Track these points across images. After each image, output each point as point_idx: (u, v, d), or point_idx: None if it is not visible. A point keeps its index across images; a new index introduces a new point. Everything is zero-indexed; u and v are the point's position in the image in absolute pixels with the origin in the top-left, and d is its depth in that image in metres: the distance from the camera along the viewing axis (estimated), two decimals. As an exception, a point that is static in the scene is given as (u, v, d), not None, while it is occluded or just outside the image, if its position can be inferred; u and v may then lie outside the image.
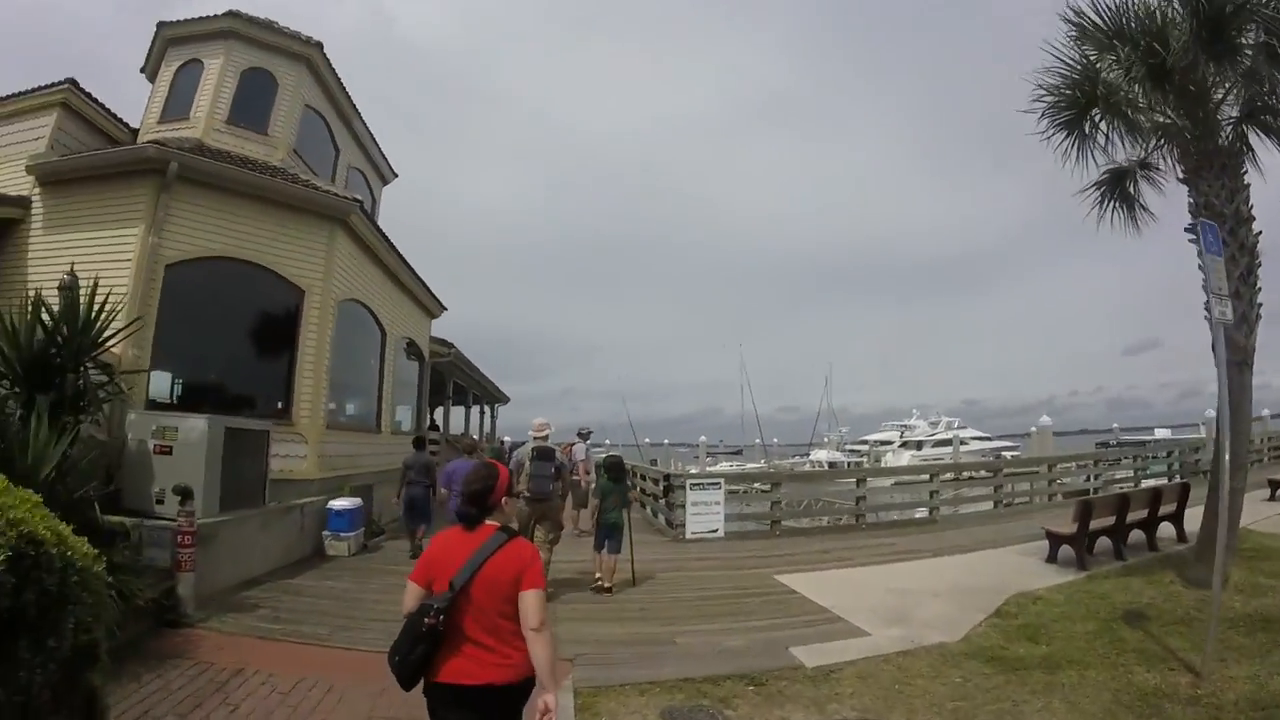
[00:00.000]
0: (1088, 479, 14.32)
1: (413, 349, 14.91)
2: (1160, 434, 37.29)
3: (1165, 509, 7.77)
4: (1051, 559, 7.43)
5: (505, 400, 31.19)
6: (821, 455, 41.95)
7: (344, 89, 12.44)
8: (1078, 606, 5.84)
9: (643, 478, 14.98)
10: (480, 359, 21.41)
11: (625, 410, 50.52)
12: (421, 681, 2.18)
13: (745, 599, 6.39)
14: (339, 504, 8.58)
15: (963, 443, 47.80)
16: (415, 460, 8.67)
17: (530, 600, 2.17)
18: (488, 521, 2.33)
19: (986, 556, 8.07)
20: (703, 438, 42.34)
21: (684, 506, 10.16)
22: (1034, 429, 24.42)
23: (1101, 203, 7.38)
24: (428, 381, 16.03)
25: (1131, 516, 7.45)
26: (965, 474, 14.56)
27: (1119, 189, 7.27)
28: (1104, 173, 7.27)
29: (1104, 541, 7.60)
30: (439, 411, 21.71)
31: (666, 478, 11.92)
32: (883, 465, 46.57)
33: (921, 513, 12.75)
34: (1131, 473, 14.99)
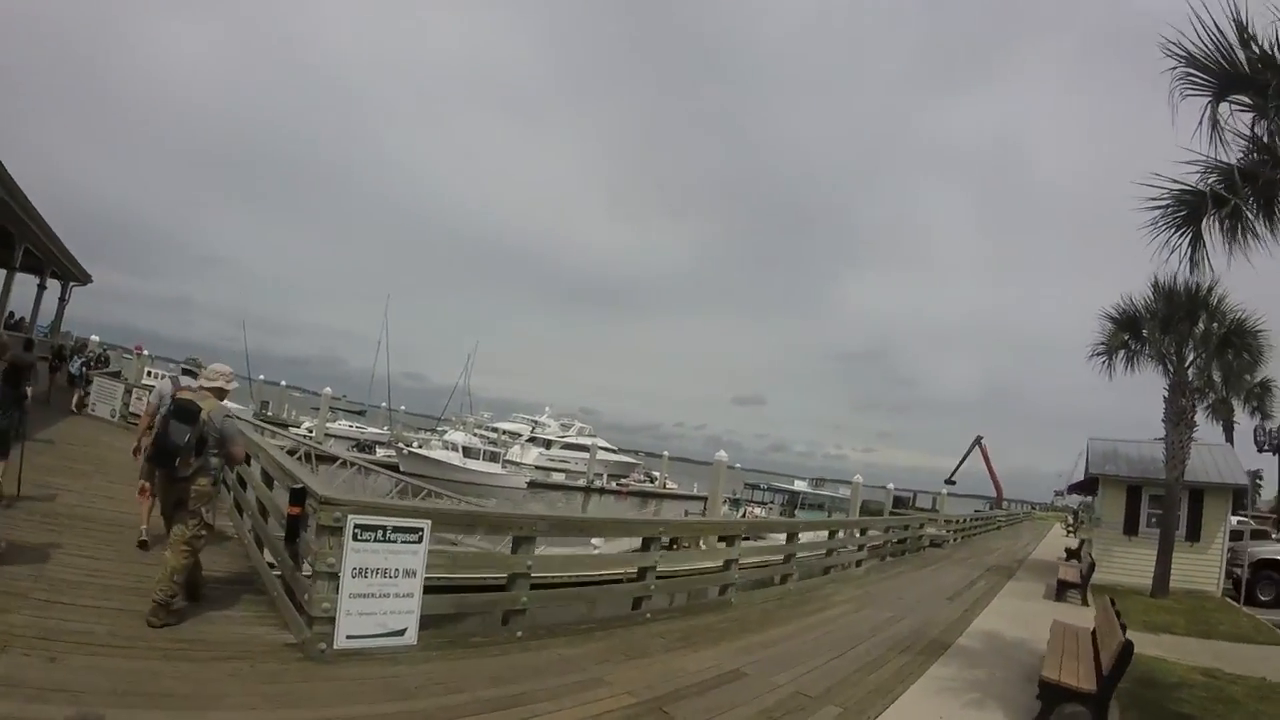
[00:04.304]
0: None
1: None
2: (798, 485, 43.73)
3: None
4: (1042, 728, 4.65)
5: (85, 280, 21.49)
6: (457, 437, 38.34)
7: None
8: None
9: (249, 460, 6.74)
10: (69, 228, 14.24)
11: (244, 337, 40.94)
12: None
13: None
14: None
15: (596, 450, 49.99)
16: None
17: None
18: None
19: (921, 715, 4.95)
20: (328, 389, 37.86)
21: (337, 576, 4.19)
22: (711, 462, 23.96)
23: (1166, 217, 5.24)
24: None
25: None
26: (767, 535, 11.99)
27: (1196, 217, 5.16)
28: (1195, 191, 5.14)
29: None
30: None
31: (300, 495, 4.64)
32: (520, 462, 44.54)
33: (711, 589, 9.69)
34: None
